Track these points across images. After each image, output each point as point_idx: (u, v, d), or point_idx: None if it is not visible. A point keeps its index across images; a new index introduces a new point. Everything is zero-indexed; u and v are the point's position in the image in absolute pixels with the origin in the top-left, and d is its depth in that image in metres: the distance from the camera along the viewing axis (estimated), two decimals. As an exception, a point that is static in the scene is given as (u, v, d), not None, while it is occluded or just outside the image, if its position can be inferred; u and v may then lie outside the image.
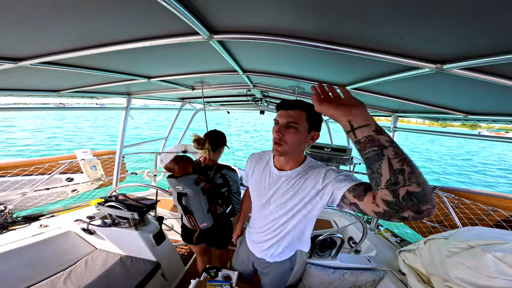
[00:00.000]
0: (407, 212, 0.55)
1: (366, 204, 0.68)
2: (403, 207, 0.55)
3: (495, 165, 19.56)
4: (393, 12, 0.53)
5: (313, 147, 2.93)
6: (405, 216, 0.57)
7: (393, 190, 0.55)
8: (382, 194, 0.58)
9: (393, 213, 0.59)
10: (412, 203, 0.53)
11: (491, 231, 1.34)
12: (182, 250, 2.66)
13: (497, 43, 0.57)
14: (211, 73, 1.59)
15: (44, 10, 0.62)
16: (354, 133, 0.61)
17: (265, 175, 1.06)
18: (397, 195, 0.55)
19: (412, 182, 0.53)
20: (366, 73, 1.15)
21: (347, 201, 0.76)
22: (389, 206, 0.58)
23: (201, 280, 1.17)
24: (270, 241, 1.09)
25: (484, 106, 1.38)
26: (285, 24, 0.69)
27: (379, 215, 0.63)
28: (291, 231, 1.03)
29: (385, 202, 0.58)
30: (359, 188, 0.73)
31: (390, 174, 0.55)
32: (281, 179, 1.00)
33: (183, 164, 1.42)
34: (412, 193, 0.53)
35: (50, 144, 15.90)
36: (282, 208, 1.00)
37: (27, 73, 1.25)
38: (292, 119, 0.88)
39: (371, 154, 0.58)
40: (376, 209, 0.63)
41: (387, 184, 0.56)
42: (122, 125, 2.63)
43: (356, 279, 1.63)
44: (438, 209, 2.29)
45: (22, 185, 2.36)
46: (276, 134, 0.89)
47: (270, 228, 1.07)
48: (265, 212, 1.07)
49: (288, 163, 1.00)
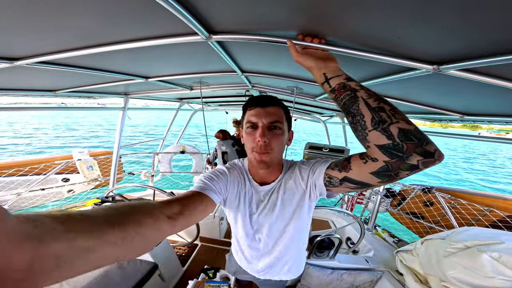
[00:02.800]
0: (414, 157, 0.48)
1: (358, 169, 0.59)
2: (405, 150, 0.49)
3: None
4: (393, 12, 0.53)
5: (311, 147, 2.94)
6: (413, 163, 0.49)
7: (383, 129, 0.50)
8: (374, 138, 0.52)
9: (397, 163, 0.51)
10: (413, 143, 0.48)
11: (487, 231, 1.35)
12: (179, 251, 2.65)
13: (494, 44, 0.58)
14: (210, 73, 1.58)
15: (40, 9, 0.61)
16: (328, 83, 0.62)
17: (249, 192, 0.84)
18: (391, 135, 0.50)
19: (399, 119, 0.50)
20: (363, 74, 1.16)
21: (335, 181, 0.66)
22: (389, 153, 0.51)
23: (199, 281, 1.16)
24: (270, 263, 0.94)
25: (480, 106, 1.40)
26: (283, 24, 0.70)
27: (381, 175, 0.55)
28: (291, 246, 0.90)
29: (382, 148, 0.51)
30: (340, 161, 0.66)
31: (371, 112, 0.52)
32: (268, 194, 0.82)
33: (225, 133, 3.09)
34: (407, 130, 0.49)
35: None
36: (277, 229, 0.85)
37: (23, 73, 1.24)
38: (276, 118, 0.72)
39: (346, 98, 0.57)
40: (374, 167, 0.55)
41: (373, 123, 0.51)
42: (119, 125, 2.61)
43: (354, 279, 1.63)
44: (435, 209, 2.32)
45: (17, 185, 2.34)
46: (261, 139, 0.69)
47: (266, 253, 0.92)
48: (256, 243, 0.91)
49: (271, 174, 0.82)
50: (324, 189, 0.72)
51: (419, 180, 10.72)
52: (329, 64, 0.63)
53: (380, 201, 2.45)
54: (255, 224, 0.86)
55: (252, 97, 0.76)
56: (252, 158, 0.75)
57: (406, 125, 0.49)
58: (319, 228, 2.76)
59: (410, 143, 0.48)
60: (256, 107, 0.73)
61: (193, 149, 4.49)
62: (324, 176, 0.70)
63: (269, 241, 0.89)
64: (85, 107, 2.77)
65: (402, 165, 0.51)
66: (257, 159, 0.72)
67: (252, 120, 0.72)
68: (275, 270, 0.97)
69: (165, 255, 1.99)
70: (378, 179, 0.57)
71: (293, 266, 0.99)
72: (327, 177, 0.69)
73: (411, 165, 0.50)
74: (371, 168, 0.56)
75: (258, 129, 0.71)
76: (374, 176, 0.56)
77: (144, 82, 1.74)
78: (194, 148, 4.54)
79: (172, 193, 2.20)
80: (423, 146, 0.48)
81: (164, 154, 4.24)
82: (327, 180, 0.69)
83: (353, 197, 3.36)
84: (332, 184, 0.68)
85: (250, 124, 0.73)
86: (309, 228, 0.96)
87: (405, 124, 0.49)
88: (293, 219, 0.83)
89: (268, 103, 0.73)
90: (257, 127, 0.72)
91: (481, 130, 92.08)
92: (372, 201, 2.69)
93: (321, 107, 3.01)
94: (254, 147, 0.72)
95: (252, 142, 0.72)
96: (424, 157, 0.48)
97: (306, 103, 2.80)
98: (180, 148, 4.29)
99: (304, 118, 4.68)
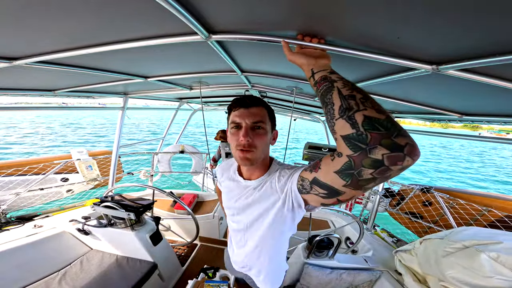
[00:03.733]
0: (379, 149, 0.42)
1: (326, 167, 0.55)
2: (369, 140, 0.43)
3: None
4: (391, 11, 0.54)
5: (311, 147, 2.94)
6: (377, 157, 0.42)
7: (348, 117, 0.46)
8: (339, 127, 0.48)
9: (360, 157, 0.45)
10: (379, 133, 0.42)
11: (485, 231, 1.36)
12: (179, 251, 2.65)
13: (493, 44, 0.58)
14: (209, 73, 1.58)
15: (39, 9, 0.61)
16: (313, 76, 0.62)
17: (234, 185, 0.92)
18: (355, 123, 0.44)
19: (367, 107, 0.45)
20: (362, 74, 1.16)
21: (306, 184, 0.62)
22: (353, 145, 0.45)
23: (198, 281, 1.16)
24: (244, 256, 0.98)
25: (479, 107, 1.40)
26: (283, 24, 0.70)
27: (344, 174, 0.49)
28: (257, 247, 0.90)
29: (346, 140, 0.46)
30: (315, 162, 0.62)
31: (341, 100, 0.49)
32: (247, 189, 0.86)
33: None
34: (372, 118, 0.43)
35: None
36: (247, 221, 0.87)
37: (22, 73, 1.23)
38: (259, 118, 0.75)
39: (324, 88, 0.55)
40: (338, 163, 0.50)
41: (340, 111, 0.48)
42: (118, 124, 2.61)
43: (353, 279, 1.63)
44: (434, 209, 2.32)
45: (16, 185, 2.33)
46: (244, 139, 0.72)
47: (241, 240, 0.95)
48: (234, 226, 0.96)
49: (255, 171, 0.85)
50: (299, 196, 0.67)
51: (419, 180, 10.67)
52: (319, 61, 0.64)
53: (379, 201, 2.46)
54: (234, 209, 0.92)
55: (236, 98, 0.78)
56: (236, 156, 0.78)
57: (375, 113, 0.44)
58: (318, 228, 2.77)
59: (376, 133, 0.42)
60: (240, 108, 0.76)
61: (192, 148, 4.48)
62: (298, 179, 0.66)
63: (243, 235, 0.93)
64: (85, 106, 2.80)
65: (364, 160, 0.44)
66: (240, 157, 0.75)
67: (236, 120, 0.76)
68: (252, 273, 1.00)
69: (164, 254, 1.99)
70: (342, 181, 0.51)
71: (267, 277, 0.98)
72: (300, 180, 0.65)
73: (374, 159, 0.43)
74: (336, 166, 0.51)
75: (241, 129, 0.74)
76: (338, 176, 0.51)
77: (143, 82, 1.74)
78: (194, 148, 4.54)
79: (171, 192, 2.20)
80: (391, 137, 0.41)
81: (164, 154, 4.24)
82: (300, 183, 0.65)
83: (352, 197, 3.36)
84: (305, 188, 0.64)
85: (234, 125, 0.76)
86: (285, 243, 0.93)
87: (373, 112, 0.44)
88: (263, 223, 0.82)
89: (251, 104, 0.75)
90: (240, 127, 0.75)
91: (481, 130, 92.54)
92: (371, 201, 2.69)
93: (320, 107, 3.01)
94: (237, 146, 0.75)
95: (236, 141, 0.75)
96: (391, 150, 0.41)
97: (306, 103, 2.80)
98: (180, 148, 4.28)
99: (304, 118, 4.69)
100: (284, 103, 3.25)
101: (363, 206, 2.95)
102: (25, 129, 23.22)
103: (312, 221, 2.46)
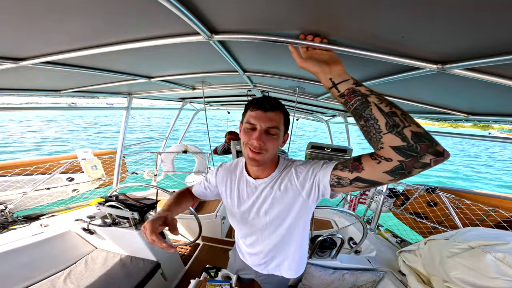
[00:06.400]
0: (427, 156, 0.53)
1: (371, 169, 0.63)
2: (419, 150, 0.53)
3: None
4: (394, 10, 0.53)
5: (313, 147, 2.92)
6: (426, 162, 0.54)
7: (398, 132, 0.54)
8: (389, 140, 0.56)
9: (411, 162, 0.55)
10: (425, 144, 0.53)
11: (491, 232, 1.34)
12: (182, 250, 2.66)
13: (499, 43, 0.57)
14: (212, 73, 1.59)
15: (45, 10, 0.62)
16: (336, 88, 0.63)
17: (242, 186, 0.95)
18: (405, 138, 0.54)
19: (410, 123, 0.54)
20: (366, 73, 1.15)
21: (345, 181, 0.69)
22: (404, 154, 0.55)
23: (200, 280, 1.17)
24: (262, 254, 1.02)
25: (485, 106, 1.38)
26: (286, 24, 0.69)
27: (395, 173, 0.59)
28: (282, 240, 0.95)
29: (396, 149, 0.56)
30: (348, 162, 0.69)
31: (385, 117, 0.56)
32: (259, 188, 0.89)
33: (236, 134, 2.57)
34: (418, 133, 0.53)
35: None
36: (266, 219, 0.90)
37: (28, 73, 1.25)
38: (275, 124, 0.76)
39: (358, 103, 0.59)
40: (389, 166, 0.59)
41: (388, 127, 0.55)
42: (123, 125, 2.63)
43: (356, 279, 1.62)
44: (439, 209, 2.29)
45: (22, 184, 2.37)
46: (257, 142, 0.75)
47: (258, 240, 0.99)
48: (247, 226, 0.98)
49: (265, 170, 0.89)
50: (328, 189, 0.75)
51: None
52: (334, 68, 0.64)
53: (383, 201, 2.44)
54: (246, 204, 0.94)
55: (257, 98, 0.79)
56: (245, 153, 0.81)
57: (417, 128, 0.54)
58: (321, 228, 2.76)
59: (423, 144, 0.53)
60: (258, 110, 0.77)
61: (196, 148, 4.50)
62: (331, 177, 0.73)
63: (261, 233, 0.96)
64: (93, 106, 2.90)
65: (416, 164, 0.55)
66: (249, 156, 0.78)
67: (251, 121, 0.77)
68: (273, 265, 1.05)
69: (167, 254, 2.00)
70: (390, 177, 0.61)
71: (293, 263, 1.04)
72: (335, 178, 0.72)
73: (424, 163, 0.55)
74: (385, 168, 0.60)
75: (255, 131, 0.76)
76: (387, 174, 0.60)
77: (147, 82, 1.76)
78: (197, 148, 4.55)
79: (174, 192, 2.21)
80: (434, 147, 0.53)
81: (167, 153, 4.26)
82: (336, 181, 0.72)
83: (356, 197, 3.35)
84: (341, 184, 0.71)
85: (249, 125, 0.78)
86: (307, 228, 0.99)
87: (415, 127, 0.54)
88: (287, 217, 0.88)
89: (271, 108, 0.77)
90: (255, 129, 0.77)
91: (492, 130, 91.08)
92: (375, 201, 2.67)
93: (323, 107, 3.00)
94: (252, 147, 0.77)
95: (248, 140, 0.78)
96: (436, 156, 0.53)
97: (308, 103, 2.79)
98: (183, 147, 4.30)
99: (307, 118, 4.67)
100: (287, 103, 3.24)
101: (366, 206, 2.93)
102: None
103: (315, 221, 2.45)
